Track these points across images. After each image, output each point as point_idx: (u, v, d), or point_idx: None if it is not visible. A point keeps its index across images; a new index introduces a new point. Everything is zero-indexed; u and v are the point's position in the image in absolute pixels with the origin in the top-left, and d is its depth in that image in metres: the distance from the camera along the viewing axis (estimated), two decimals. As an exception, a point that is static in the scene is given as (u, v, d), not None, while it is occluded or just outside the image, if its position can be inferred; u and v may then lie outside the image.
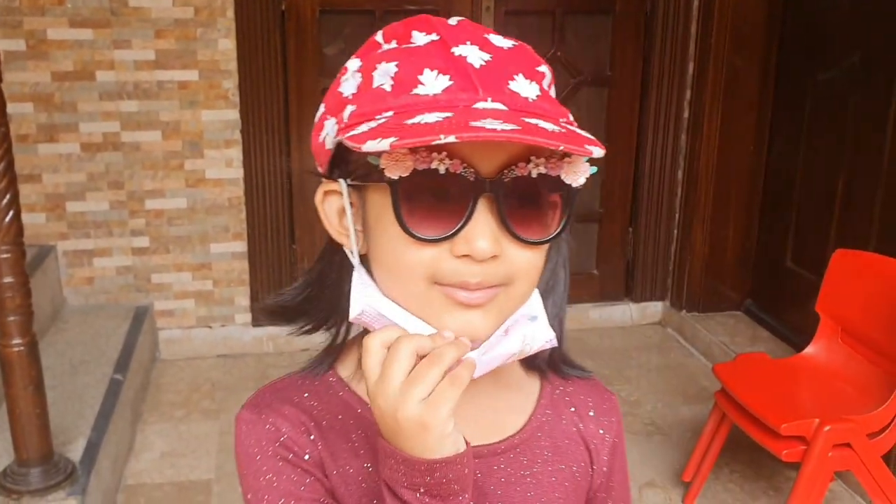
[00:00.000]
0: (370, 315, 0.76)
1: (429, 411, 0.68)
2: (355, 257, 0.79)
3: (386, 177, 0.69)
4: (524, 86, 0.73)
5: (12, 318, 2.13)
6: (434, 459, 0.69)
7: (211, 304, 3.72)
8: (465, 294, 0.73)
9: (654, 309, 4.17)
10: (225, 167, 3.58)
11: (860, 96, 3.14)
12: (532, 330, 0.77)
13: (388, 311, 0.76)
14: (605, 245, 4.11)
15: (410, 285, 0.74)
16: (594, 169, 0.73)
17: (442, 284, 0.74)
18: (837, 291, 2.67)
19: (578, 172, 0.72)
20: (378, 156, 0.69)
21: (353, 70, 0.79)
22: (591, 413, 0.94)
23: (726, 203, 3.84)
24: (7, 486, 2.26)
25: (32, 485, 2.25)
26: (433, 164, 0.68)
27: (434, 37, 0.75)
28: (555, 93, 0.78)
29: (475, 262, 0.72)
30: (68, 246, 3.54)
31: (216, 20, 3.43)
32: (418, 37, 0.76)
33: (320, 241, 0.87)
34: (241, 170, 3.59)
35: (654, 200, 4.00)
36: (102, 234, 3.55)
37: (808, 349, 2.71)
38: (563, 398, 0.93)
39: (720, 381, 2.60)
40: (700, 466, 2.72)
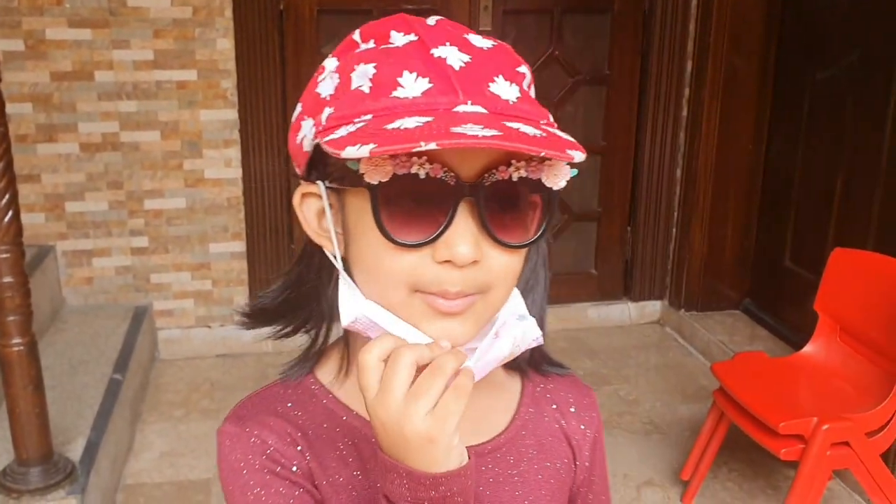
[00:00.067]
0: (363, 323, 0.76)
1: (436, 425, 0.67)
2: (339, 262, 0.78)
3: (365, 181, 0.69)
4: (504, 88, 0.72)
5: (12, 317, 2.13)
6: (440, 473, 0.68)
7: (210, 303, 3.72)
8: (444, 302, 0.73)
9: (653, 308, 4.17)
10: (224, 167, 3.58)
11: (859, 95, 3.14)
12: (521, 330, 0.77)
13: (380, 319, 0.75)
14: (603, 244, 4.11)
15: (390, 292, 0.74)
16: (574, 171, 0.73)
17: (423, 292, 0.73)
18: (836, 290, 2.67)
19: (559, 175, 0.72)
20: (357, 161, 0.68)
21: (330, 70, 0.78)
22: (573, 409, 0.94)
23: (725, 202, 3.84)
24: (7, 485, 2.26)
25: (32, 484, 2.26)
26: (413, 169, 0.68)
27: (412, 37, 0.74)
28: (534, 92, 0.78)
29: (456, 268, 0.71)
30: (67, 246, 3.54)
31: (214, 20, 3.43)
32: (396, 37, 0.75)
33: (318, 241, 0.86)
34: (240, 169, 3.59)
35: (652, 199, 4.00)
36: (101, 234, 3.55)
37: (807, 348, 2.71)
38: (545, 395, 0.93)
39: (719, 380, 2.60)
40: (698, 465, 2.72)
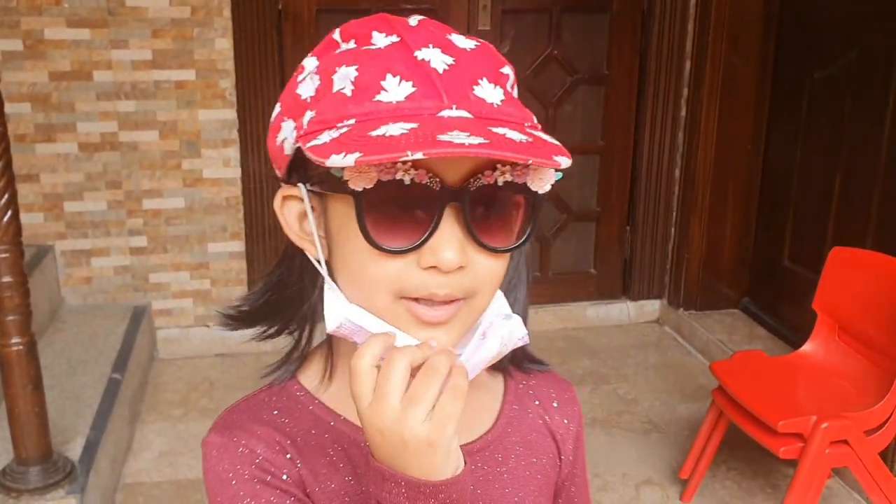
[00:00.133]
0: (348, 328, 0.75)
1: (435, 429, 0.66)
2: (323, 268, 0.77)
3: (350, 188, 0.68)
4: (489, 91, 0.71)
5: (11, 317, 2.13)
6: (440, 481, 0.67)
7: (209, 303, 3.72)
8: (428, 312, 0.73)
9: (652, 307, 4.17)
10: (222, 167, 3.58)
11: (857, 94, 3.14)
12: (508, 329, 0.77)
13: (365, 322, 0.74)
14: (602, 243, 4.11)
15: (375, 298, 0.73)
16: (559, 175, 0.72)
17: (408, 298, 0.72)
18: (834, 289, 2.67)
19: (544, 179, 0.72)
20: (341, 167, 0.67)
21: (310, 70, 0.77)
22: (555, 404, 0.94)
23: (723, 201, 3.84)
24: (6, 484, 2.26)
25: (31, 483, 2.26)
26: (398, 175, 0.67)
27: (394, 38, 0.73)
28: (517, 92, 0.78)
29: (441, 274, 0.71)
30: (66, 246, 3.54)
31: (213, 20, 3.43)
32: (378, 38, 0.74)
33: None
34: (239, 169, 3.59)
35: (651, 199, 4.00)
36: (100, 233, 3.55)
37: (806, 347, 2.71)
38: (527, 392, 0.93)
39: (717, 379, 2.61)
40: (697, 464, 2.73)
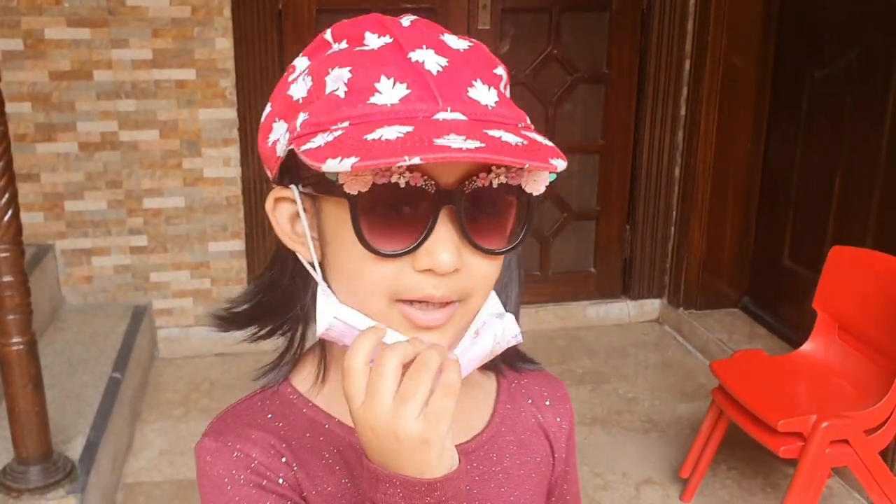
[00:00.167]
0: (338, 329, 0.75)
1: (429, 427, 0.66)
2: (317, 271, 0.77)
3: (345, 192, 0.68)
4: (483, 92, 0.71)
5: (11, 316, 2.13)
6: (434, 479, 0.67)
7: (209, 302, 3.72)
8: (424, 316, 0.73)
9: (652, 306, 4.17)
10: (223, 166, 3.58)
11: (857, 94, 3.14)
12: (501, 328, 0.77)
13: (358, 322, 0.74)
14: (602, 243, 4.11)
15: (370, 302, 0.73)
16: (553, 176, 0.72)
17: (403, 301, 0.72)
18: (834, 288, 2.67)
19: (539, 181, 0.72)
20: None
21: (302, 70, 0.77)
22: (548, 403, 0.94)
23: (723, 200, 3.84)
24: (7, 483, 2.27)
25: (32, 483, 2.26)
26: (393, 178, 0.67)
27: (388, 39, 0.73)
28: (509, 92, 0.77)
29: (437, 276, 0.71)
30: (66, 245, 3.54)
31: (213, 19, 3.43)
32: (371, 39, 0.74)
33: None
34: (239, 168, 3.59)
35: (651, 198, 4.00)
36: (101, 233, 3.55)
37: (806, 346, 2.71)
38: (520, 391, 0.94)
39: (717, 378, 2.61)
40: (697, 463, 2.73)
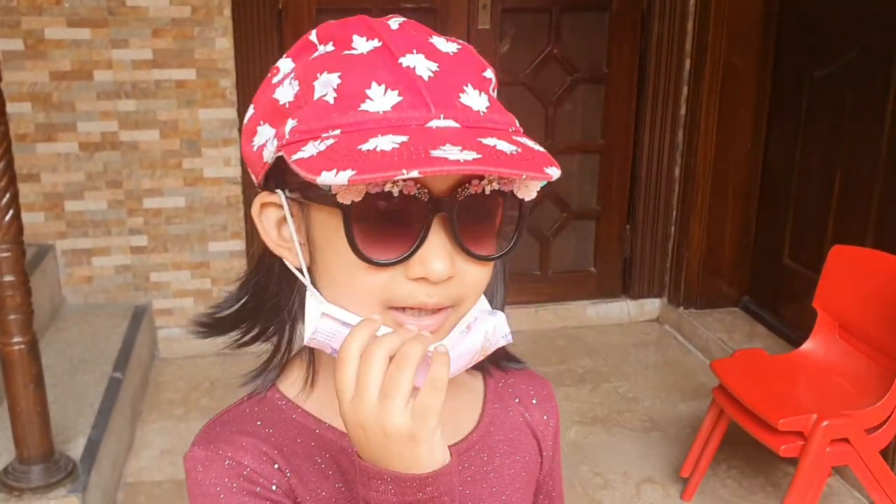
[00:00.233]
0: (327, 330, 0.74)
1: (416, 423, 0.65)
2: (306, 278, 0.76)
3: (338, 202, 0.68)
4: (474, 98, 0.71)
5: (13, 316, 2.14)
6: (425, 474, 0.67)
7: (210, 302, 3.69)
8: (417, 323, 0.73)
9: (652, 306, 4.17)
10: (223, 166, 3.58)
11: (857, 93, 3.14)
12: (493, 324, 0.77)
13: (349, 318, 0.73)
14: (602, 242, 4.11)
15: (362, 309, 0.73)
16: (544, 182, 0.72)
17: (396, 308, 0.72)
18: (835, 287, 2.67)
19: (531, 187, 0.72)
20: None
21: (287, 73, 0.76)
22: (534, 401, 0.95)
23: (723, 200, 3.84)
24: (9, 483, 2.27)
25: (34, 482, 2.26)
26: (387, 187, 0.67)
27: (376, 43, 0.72)
28: (504, 94, 0.78)
29: (430, 284, 0.71)
30: (67, 245, 3.54)
31: (213, 19, 3.43)
32: (359, 42, 0.73)
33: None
34: (239, 168, 3.59)
35: (651, 197, 4.00)
36: (101, 233, 3.55)
37: (806, 345, 2.71)
38: (507, 390, 0.94)
39: (718, 378, 2.61)
40: (698, 462, 2.73)
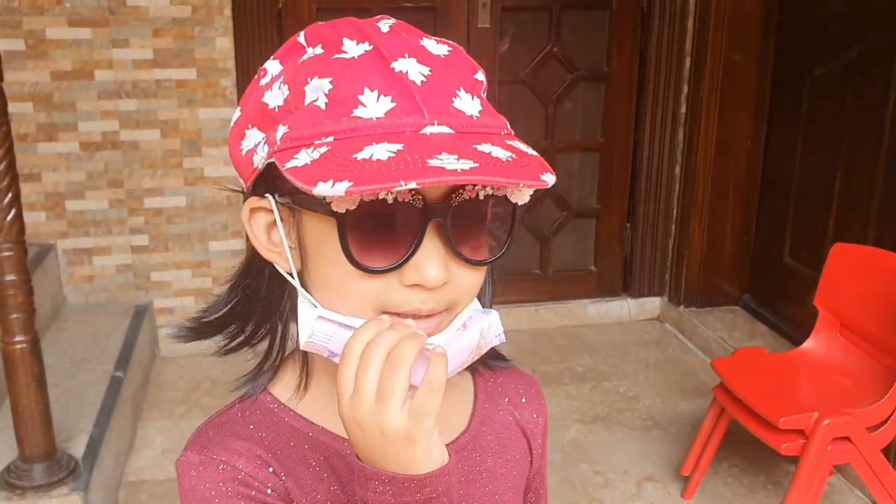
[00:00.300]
0: (321, 336, 0.74)
1: (413, 424, 0.65)
2: (296, 280, 0.76)
3: (332, 210, 0.67)
4: (467, 102, 0.71)
5: (15, 315, 2.14)
6: (423, 475, 0.67)
7: (210, 301, 3.72)
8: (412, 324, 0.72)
9: (652, 304, 4.18)
10: (224, 165, 3.58)
11: (858, 92, 3.15)
12: (487, 322, 0.77)
13: (343, 319, 0.73)
14: (602, 241, 4.12)
15: (357, 315, 0.73)
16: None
17: (390, 314, 0.72)
18: (836, 286, 2.68)
19: (524, 191, 0.73)
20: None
21: (275, 76, 0.75)
22: (524, 400, 0.95)
23: (724, 198, 3.85)
24: (11, 481, 2.28)
25: (36, 480, 2.27)
26: (381, 195, 0.67)
27: (367, 46, 0.71)
28: (489, 93, 0.77)
29: (425, 290, 0.71)
30: (68, 244, 3.54)
31: (213, 19, 3.43)
32: (350, 46, 0.71)
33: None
34: (240, 168, 3.59)
35: (651, 196, 4.00)
36: (102, 232, 3.56)
37: (807, 343, 2.71)
38: (497, 389, 0.94)
39: (719, 376, 2.61)
40: (699, 461, 2.73)
